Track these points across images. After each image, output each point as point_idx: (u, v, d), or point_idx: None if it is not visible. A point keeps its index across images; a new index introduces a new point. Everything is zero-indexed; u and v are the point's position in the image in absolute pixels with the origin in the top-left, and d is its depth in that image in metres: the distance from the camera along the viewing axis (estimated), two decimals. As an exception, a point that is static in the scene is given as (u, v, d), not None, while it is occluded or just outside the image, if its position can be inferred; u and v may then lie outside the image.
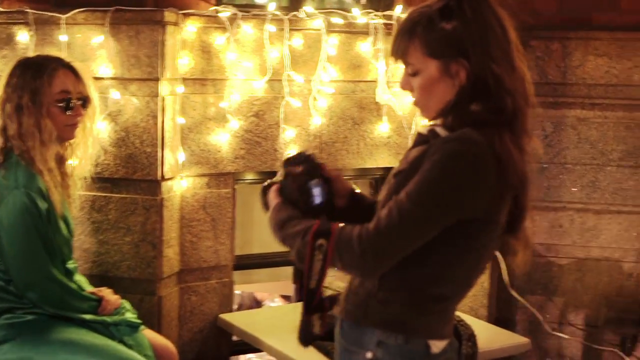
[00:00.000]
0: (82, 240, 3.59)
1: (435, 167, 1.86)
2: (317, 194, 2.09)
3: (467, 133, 1.88)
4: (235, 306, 4.27)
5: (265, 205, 2.16)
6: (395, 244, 1.88)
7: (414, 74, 1.98)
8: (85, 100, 3.15)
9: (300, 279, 2.05)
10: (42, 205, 2.93)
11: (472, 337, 3.23)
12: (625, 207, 4.31)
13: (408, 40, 1.97)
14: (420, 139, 2.04)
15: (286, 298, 4.80)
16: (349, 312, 2.06)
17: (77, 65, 3.17)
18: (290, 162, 2.14)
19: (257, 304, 5.10)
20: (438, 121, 2.00)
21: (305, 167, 2.11)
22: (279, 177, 2.17)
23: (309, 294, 1.97)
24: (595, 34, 4.30)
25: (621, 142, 4.29)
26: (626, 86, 4.27)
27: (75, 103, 3.09)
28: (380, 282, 1.97)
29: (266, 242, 4.29)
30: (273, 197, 2.13)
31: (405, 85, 2.03)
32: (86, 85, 3.16)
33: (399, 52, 2.01)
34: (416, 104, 2.05)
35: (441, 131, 1.96)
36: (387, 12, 4.07)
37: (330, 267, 1.92)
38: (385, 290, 1.98)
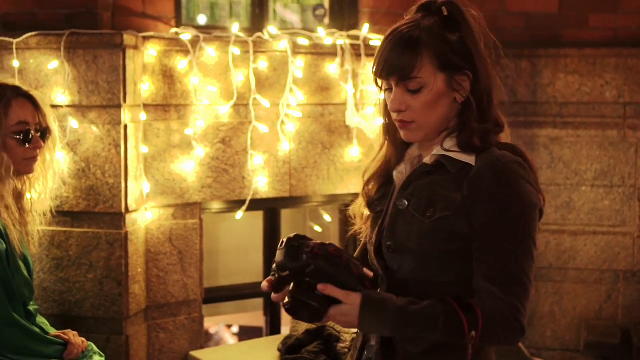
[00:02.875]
0: (41, 278, 3.41)
1: (507, 205, 1.81)
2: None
3: (505, 157, 1.83)
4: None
5: (317, 313, 1.76)
6: (530, 295, 1.85)
7: (417, 90, 1.87)
8: (44, 132, 2.96)
9: None
10: (0, 246, 2.74)
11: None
12: (601, 228, 4.24)
13: (415, 53, 1.85)
14: (424, 170, 1.93)
15: (256, 330, 4.65)
16: None
17: (35, 94, 2.98)
18: (294, 251, 1.76)
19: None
20: (446, 143, 1.90)
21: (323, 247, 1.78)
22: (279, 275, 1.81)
23: None
24: (565, 51, 4.25)
25: (595, 162, 4.23)
26: (598, 104, 4.22)
27: (34, 135, 2.90)
28: None
29: (233, 272, 4.19)
30: (340, 294, 1.77)
31: (400, 104, 1.89)
32: (45, 116, 2.97)
33: (401, 66, 1.86)
34: (410, 124, 1.90)
35: (460, 156, 1.88)
36: (353, 32, 3.97)
37: None
38: None
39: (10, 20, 3.55)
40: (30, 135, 2.89)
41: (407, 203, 1.91)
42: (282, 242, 1.79)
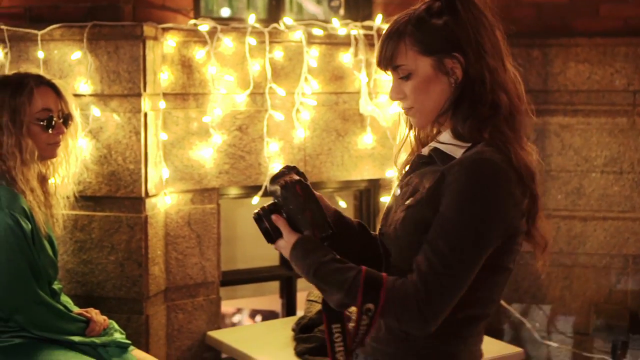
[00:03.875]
0: (65, 260, 3.53)
1: (463, 200, 1.79)
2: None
3: (483, 154, 1.82)
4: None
5: (268, 234, 1.97)
6: (450, 295, 1.80)
7: (407, 76, 1.91)
8: (66, 118, 3.09)
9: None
10: (26, 226, 2.87)
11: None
12: (610, 214, 4.30)
13: (397, 42, 1.91)
14: (420, 161, 1.98)
15: (273, 314, 4.76)
16: (387, 354, 1.95)
17: (57, 82, 3.11)
18: (278, 177, 1.96)
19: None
20: (443, 135, 1.94)
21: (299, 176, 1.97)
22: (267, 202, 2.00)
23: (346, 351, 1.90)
24: (576, 41, 4.31)
25: (605, 148, 4.29)
26: (608, 92, 4.27)
27: (56, 121, 3.04)
28: None
29: (250, 256, 4.30)
30: (284, 229, 1.94)
31: (397, 93, 1.95)
32: (67, 103, 3.10)
33: (387, 56, 1.92)
34: (409, 110, 1.96)
35: (448, 148, 1.90)
36: (367, 23, 4.06)
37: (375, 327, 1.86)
38: None
39: (35, 13, 3.66)
40: (53, 122, 3.02)
41: (399, 191, 1.98)
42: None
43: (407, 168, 2.06)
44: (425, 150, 1.97)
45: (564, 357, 4.37)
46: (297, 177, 1.94)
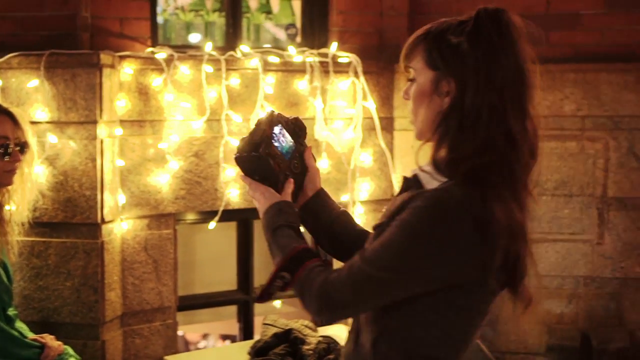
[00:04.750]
0: (21, 286, 3.55)
1: (401, 229, 1.75)
2: (283, 142, 1.99)
3: (446, 192, 1.75)
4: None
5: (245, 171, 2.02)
6: (350, 300, 1.81)
7: (412, 80, 1.88)
8: (23, 146, 3.13)
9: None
10: (-20, 253, 2.90)
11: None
12: (561, 236, 4.39)
13: (416, 44, 1.87)
14: (405, 184, 1.91)
15: (232, 338, 4.78)
16: None
17: (14, 110, 3.15)
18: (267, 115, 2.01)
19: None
20: (425, 164, 1.87)
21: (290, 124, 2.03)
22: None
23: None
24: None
25: (555, 172, 4.38)
26: (558, 117, 4.37)
27: (13, 149, 3.07)
28: (375, 350, 1.84)
29: (208, 282, 4.33)
30: (286, 190, 2.00)
31: (405, 93, 1.91)
32: (24, 131, 3.14)
33: (404, 54, 1.90)
34: (411, 116, 1.93)
35: (424, 177, 1.84)
36: (323, 50, 4.14)
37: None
38: (382, 357, 1.85)
39: (-6, 41, 3.71)
40: (10, 149, 3.06)
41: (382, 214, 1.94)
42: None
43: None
44: (409, 173, 1.92)
45: (517, 378, 4.44)
46: (271, 116, 2.00)
